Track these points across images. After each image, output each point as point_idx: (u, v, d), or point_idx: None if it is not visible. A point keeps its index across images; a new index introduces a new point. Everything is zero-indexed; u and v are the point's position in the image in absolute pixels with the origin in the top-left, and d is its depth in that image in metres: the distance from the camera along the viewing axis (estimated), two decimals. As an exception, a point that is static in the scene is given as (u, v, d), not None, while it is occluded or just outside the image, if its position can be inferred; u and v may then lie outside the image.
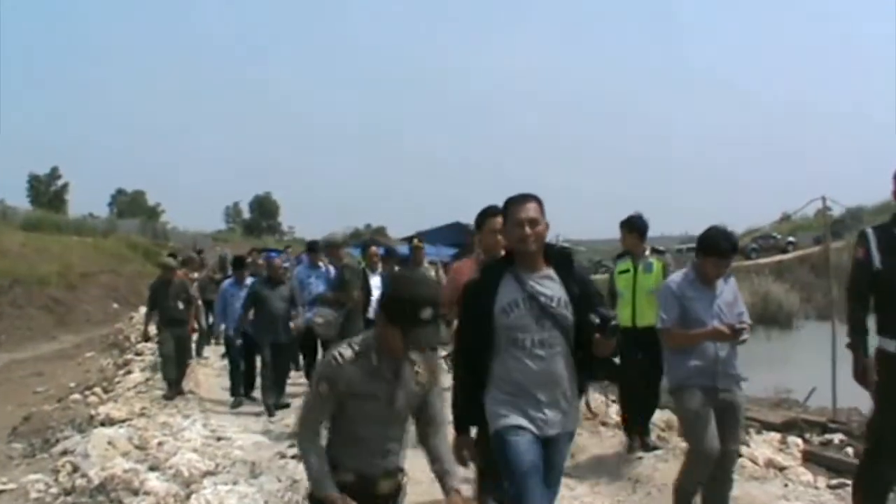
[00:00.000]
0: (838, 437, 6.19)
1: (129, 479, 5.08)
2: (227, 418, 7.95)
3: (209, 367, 11.73)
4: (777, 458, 5.59)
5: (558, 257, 3.15)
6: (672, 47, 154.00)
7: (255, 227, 75.64)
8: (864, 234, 3.92)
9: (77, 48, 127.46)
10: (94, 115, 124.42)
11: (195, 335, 10.81)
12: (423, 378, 2.68)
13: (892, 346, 3.78)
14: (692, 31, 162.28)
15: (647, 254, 5.88)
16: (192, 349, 10.48)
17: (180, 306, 9.13)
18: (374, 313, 7.73)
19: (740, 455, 4.77)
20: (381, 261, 8.64)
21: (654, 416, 6.18)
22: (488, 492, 3.63)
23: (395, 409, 2.63)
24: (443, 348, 5.79)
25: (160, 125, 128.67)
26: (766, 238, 38.70)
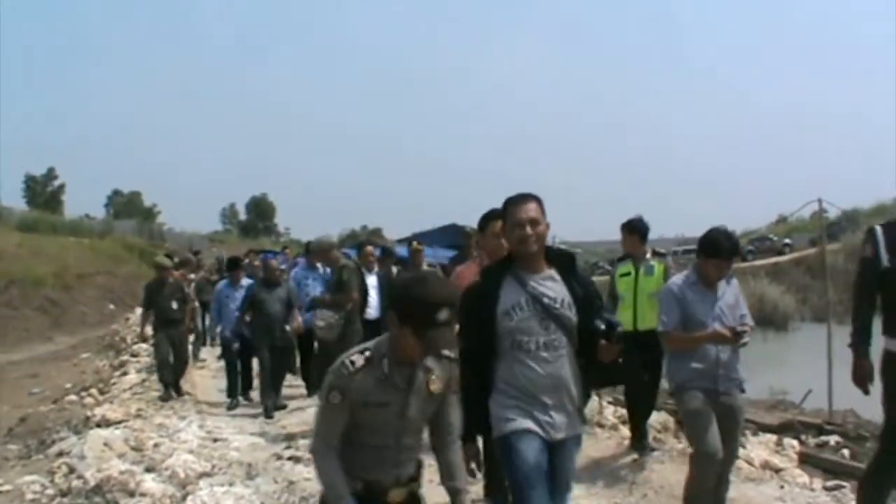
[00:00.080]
0: (834, 439, 6.18)
1: (125, 480, 5.07)
2: (224, 420, 7.94)
3: (206, 369, 11.73)
4: (773, 460, 5.60)
5: (560, 258, 3.09)
6: (672, 48, 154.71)
7: (251, 228, 75.63)
8: (873, 231, 3.82)
9: (74, 48, 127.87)
10: (90, 116, 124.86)
11: (191, 336, 10.80)
12: (438, 386, 2.55)
13: None
14: (692, 32, 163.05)
15: (648, 257, 5.85)
16: (189, 350, 10.46)
17: (174, 306, 9.12)
18: (372, 313, 7.76)
19: (737, 457, 4.77)
20: (378, 261, 8.66)
21: (651, 418, 6.18)
22: None
23: (408, 419, 2.51)
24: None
25: (156, 126, 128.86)
26: (763, 240, 38.77)
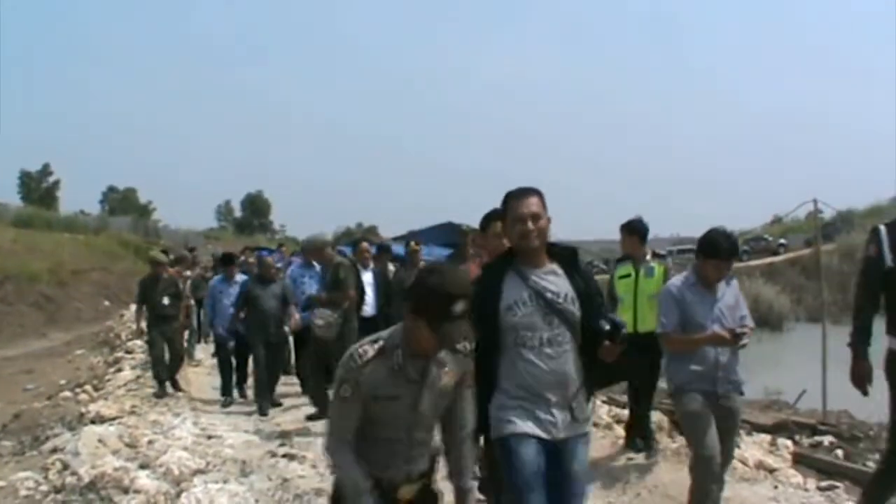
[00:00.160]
0: (828, 440, 6.19)
1: (119, 477, 5.05)
2: (218, 417, 7.92)
3: (200, 366, 11.70)
4: (767, 460, 5.60)
5: (562, 252, 3.04)
6: (671, 48, 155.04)
7: (246, 225, 75.59)
8: (877, 230, 3.77)
9: (70, 46, 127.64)
10: (84, 112, 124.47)
11: (186, 333, 10.78)
12: (451, 380, 2.51)
13: None
14: (691, 33, 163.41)
15: (648, 258, 5.80)
16: (185, 346, 10.44)
17: (166, 301, 9.10)
18: (368, 311, 7.75)
19: (733, 458, 4.77)
20: (375, 258, 8.66)
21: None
22: None
23: (420, 413, 2.46)
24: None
25: (153, 124, 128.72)
26: (758, 240, 38.85)
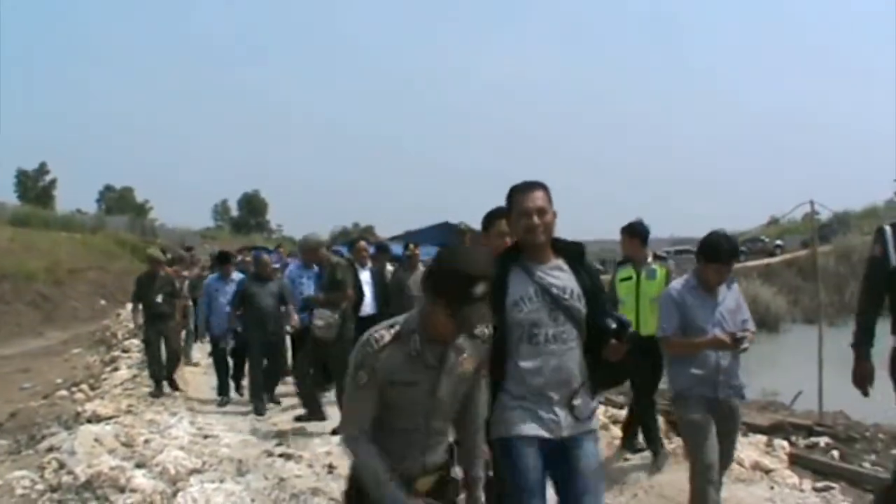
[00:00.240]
0: (824, 441, 6.20)
1: (115, 476, 5.04)
2: (214, 416, 7.92)
3: (197, 365, 11.68)
4: (763, 461, 5.60)
5: (568, 248, 2.97)
6: (671, 48, 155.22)
7: (243, 224, 75.53)
8: (882, 231, 3.74)
9: (68, 46, 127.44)
10: (83, 112, 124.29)
11: (183, 333, 10.76)
12: (470, 367, 2.43)
13: None
14: (691, 33, 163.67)
15: (649, 260, 5.74)
16: (181, 346, 10.41)
17: (160, 300, 9.09)
18: (367, 310, 7.74)
19: (732, 460, 4.76)
20: (373, 257, 8.65)
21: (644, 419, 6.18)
22: None
23: (439, 399, 2.37)
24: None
25: (150, 122, 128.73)
26: (754, 241, 38.80)
